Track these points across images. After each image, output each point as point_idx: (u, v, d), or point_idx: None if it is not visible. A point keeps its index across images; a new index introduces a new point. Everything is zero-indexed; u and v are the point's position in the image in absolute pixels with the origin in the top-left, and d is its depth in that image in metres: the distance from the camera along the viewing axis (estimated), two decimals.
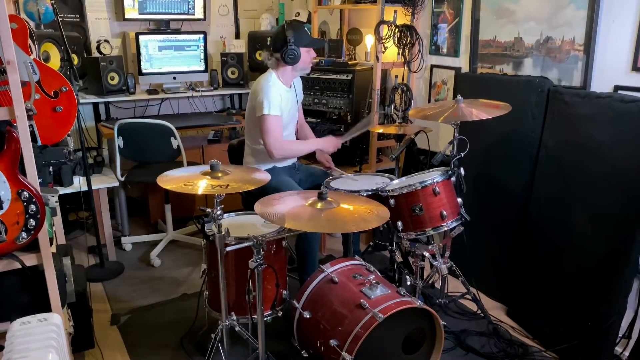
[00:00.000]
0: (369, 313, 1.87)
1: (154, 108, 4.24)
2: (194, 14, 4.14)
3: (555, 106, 2.53)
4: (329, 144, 2.81)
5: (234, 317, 2.17)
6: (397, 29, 3.34)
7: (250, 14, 4.57)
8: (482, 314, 2.65)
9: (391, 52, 3.49)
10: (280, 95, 2.61)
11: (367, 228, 1.82)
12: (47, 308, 1.81)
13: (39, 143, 2.06)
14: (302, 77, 2.88)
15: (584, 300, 2.32)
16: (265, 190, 2.17)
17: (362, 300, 1.92)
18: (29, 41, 2.04)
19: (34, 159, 1.70)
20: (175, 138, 3.26)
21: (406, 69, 3.46)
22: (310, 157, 3.13)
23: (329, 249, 3.47)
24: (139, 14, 3.92)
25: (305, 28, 2.70)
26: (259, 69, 4.19)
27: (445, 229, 2.37)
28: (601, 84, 2.42)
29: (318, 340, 1.99)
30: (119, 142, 3.23)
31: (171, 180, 2.01)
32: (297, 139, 2.98)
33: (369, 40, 3.65)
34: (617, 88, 2.34)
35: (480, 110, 2.34)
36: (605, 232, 2.26)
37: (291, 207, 1.88)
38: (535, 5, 2.68)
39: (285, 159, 2.76)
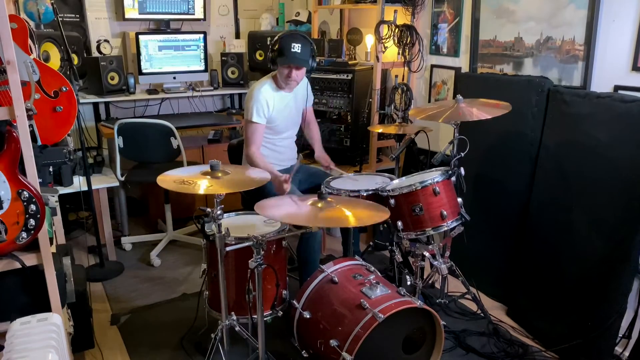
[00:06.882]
0: (369, 313, 1.87)
1: (153, 108, 4.24)
2: (194, 14, 4.14)
3: (555, 106, 2.53)
4: (277, 184, 2.49)
5: (234, 317, 2.17)
6: (397, 29, 3.34)
7: (250, 13, 4.57)
8: (482, 314, 2.64)
9: (391, 52, 3.49)
10: (267, 102, 2.62)
11: (366, 224, 1.82)
12: (47, 308, 1.81)
13: (39, 143, 2.06)
14: None
15: (584, 300, 2.32)
16: (265, 194, 2.16)
17: (362, 300, 1.92)
18: (29, 41, 2.04)
19: (34, 159, 1.70)
20: (175, 138, 3.26)
21: (406, 68, 3.46)
22: (310, 156, 3.13)
23: (329, 249, 3.47)
24: (139, 13, 3.92)
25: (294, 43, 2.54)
26: (259, 68, 4.19)
27: (446, 228, 2.37)
28: (601, 84, 2.42)
29: (318, 340, 1.99)
30: (118, 142, 3.23)
31: (171, 180, 2.01)
32: (305, 135, 3.03)
33: (369, 40, 3.65)
34: (617, 88, 2.34)
35: (480, 110, 2.34)
36: (605, 231, 2.26)
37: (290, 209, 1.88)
38: (535, 5, 2.68)
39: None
